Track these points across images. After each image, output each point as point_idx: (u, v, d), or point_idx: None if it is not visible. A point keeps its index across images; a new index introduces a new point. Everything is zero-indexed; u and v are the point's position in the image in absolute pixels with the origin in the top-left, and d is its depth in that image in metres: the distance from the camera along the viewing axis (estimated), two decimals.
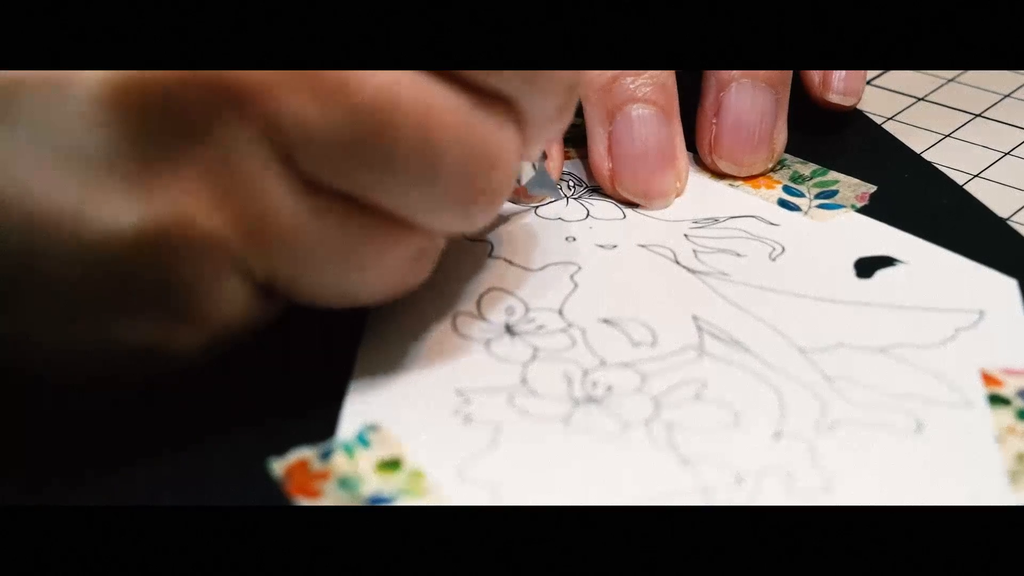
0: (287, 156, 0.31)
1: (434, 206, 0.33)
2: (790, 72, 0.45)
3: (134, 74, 0.30)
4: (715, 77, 0.45)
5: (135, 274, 0.31)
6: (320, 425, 0.35)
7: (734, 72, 0.44)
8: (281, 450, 0.34)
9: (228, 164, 0.31)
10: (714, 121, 0.45)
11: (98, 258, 0.31)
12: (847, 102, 0.47)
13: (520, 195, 0.42)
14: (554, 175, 0.44)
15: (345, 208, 0.32)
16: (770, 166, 0.45)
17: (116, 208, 0.31)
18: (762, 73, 0.44)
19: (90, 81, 0.30)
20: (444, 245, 0.36)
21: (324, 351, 0.37)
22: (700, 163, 0.46)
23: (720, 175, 0.45)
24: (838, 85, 0.46)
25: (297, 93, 0.31)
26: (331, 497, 0.33)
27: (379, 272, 0.34)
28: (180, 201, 0.31)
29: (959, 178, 0.46)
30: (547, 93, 0.34)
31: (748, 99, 0.44)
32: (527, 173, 0.41)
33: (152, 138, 0.31)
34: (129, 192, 0.31)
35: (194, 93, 0.30)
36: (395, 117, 0.31)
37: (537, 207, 0.43)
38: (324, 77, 0.31)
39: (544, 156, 0.42)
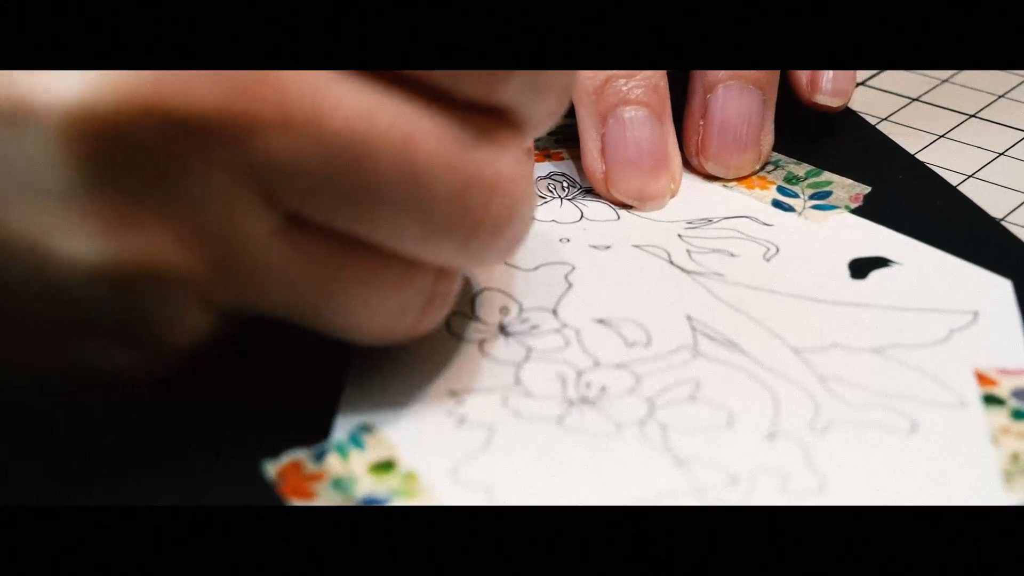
0: (266, 193, 0.30)
1: (429, 240, 0.32)
2: (777, 73, 0.45)
3: (96, 110, 0.29)
4: (702, 79, 0.45)
5: (97, 304, 0.31)
6: (314, 426, 0.35)
7: (721, 74, 0.44)
8: (275, 452, 0.34)
9: (198, 203, 0.30)
10: (701, 123, 0.45)
11: (61, 291, 0.30)
12: (835, 103, 0.47)
13: None
14: None
15: (331, 246, 0.31)
16: (758, 167, 0.45)
17: (79, 244, 0.30)
18: (749, 74, 0.44)
19: (53, 117, 0.29)
20: (459, 288, 0.35)
21: (318, 352, 0.37)
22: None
23: (708, 177, 0.45)
24: (826, 86, 0.46)
25: (270, 130, 0.30)
26: (325, 498, 0.33)
27: (373, 315, 0.33)
28: (145, 240, 0.30)
29: (953, 179, 0.46)
30: (541, 100, 0.33)
31: (735, 101, 0.44)
32: None
33: (116, 176, 0.30)
34: (92, 229, 0.30)
35: (159, 131, 0.29)
36: (373, 147, 0.30)
37: None
38: (297, 110, 0.30)
39: None
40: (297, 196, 0.30)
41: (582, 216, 0.43)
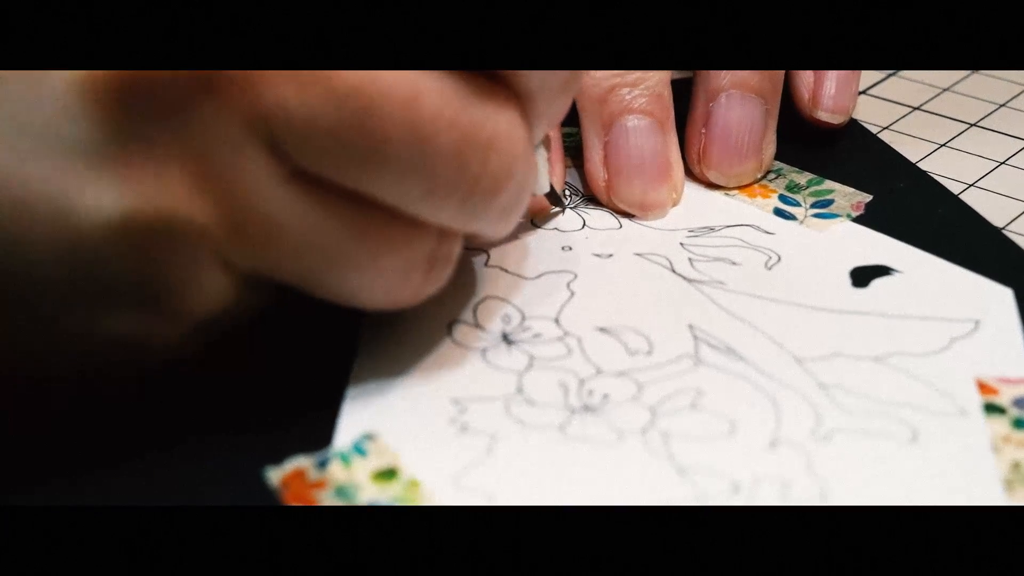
0: (274, 146, 0.31)
1: (430, 197, 0.32)
2: (780, 82, 0.45)
3: None
4: (704, 87, 0.45)
5: (117, 264, 0.31)
6: (316, 434, 0.35)
7: (723, 82, 0.44)
8: (278, 459, 0.34)
9: (209, 153, 0.31)
10: (703, 131, 0.45)
11: (79, 247, 0.31)
12: (835, 119, 0.47)
13: (540, 212, 0.43)
14: (557, 188, 0.44)
15: (338, 201, 0.32)
16: (759, 176, 0.45)
17: (96, 196, 0.30)
18: (752, 83, 0.44)
19: (66, 72, 0.30)
20: (461, 251, 0.35)
21: (320, 360, 0.37)
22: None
23: (710, 185, 0.45)
24: (827, 103, 0.46)
25: (278, 80, 0.30)
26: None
27: (380, 274, 0.33)
28: (160, 190, 0.31)
29: (955, 187, 0.46)
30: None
31: (737, 110, 0.44)
32: (542, 182, 0.40)
33: (130, 127, 0.30)
34: (109, 181, 0.30)
35: (171, 81, 0.30)
36: (379, 102, 0.31)
37: (534, 219, 0.43)
38: None
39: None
40: (304, 150, 0.31)
41: (584, 224, 0.43)
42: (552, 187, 0.42)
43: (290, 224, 0.32)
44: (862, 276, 0.41)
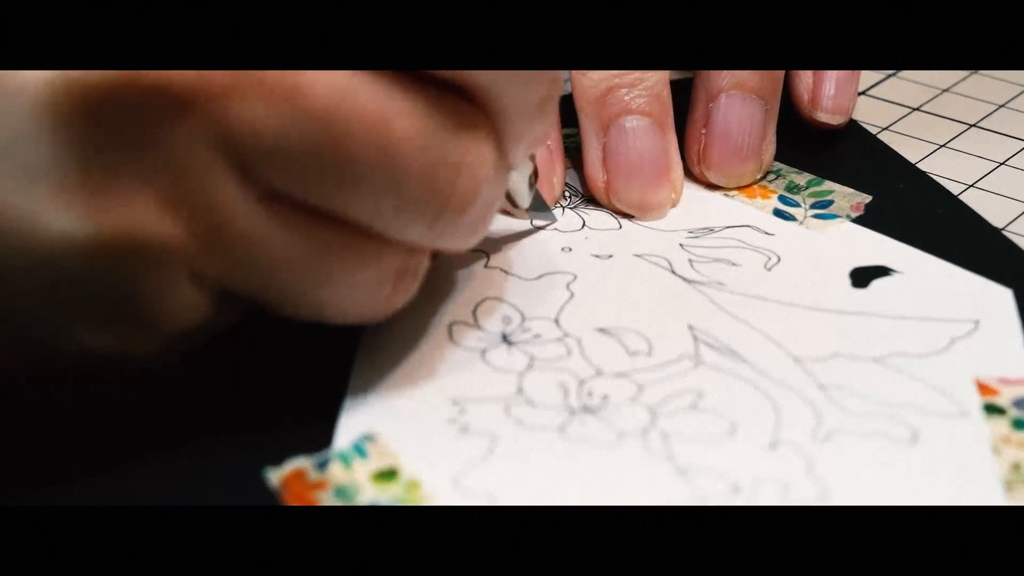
0: (244, 166, 0.31)
1: (400, 216, 0.32)
2: (780, 83, 0.45)
3: (75, 81, 0.29)
4: (705, 88, 0.45)
5: (88, 281, 0.31)
6: (316, 435, 0.35)
7: (723, 83, 0.44)
8: (277, 460, 0.34)
9: (179, 171, 0.30)
10: (703, 132, 0.45)
11: (50, 266, 0.31)
12: (835, 120, 0.47)
13: (518, 215, 0.42)
14: (557, 189, 0.44)
15: (309, 220, 0.32)
16: (758, 177, 0.45)
17: (64, 216, 0.30)
18: (751, 84, 0.44)
19: (31, 90, 0.29)
20: (428, 264, 0.35)
21: (320, 361, 0.37)
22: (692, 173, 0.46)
23: (710, 186, 0.45)
24: (826, 104, 0.47)
25: (247, 100, 0.30)
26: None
27: (351, 289, 0.33)
28: (130, 209, 0.30)
29: (954, 188, 0.46)
30: (523, 85, 0.33)
31: (737, 110, 0.44)
32: (523, 195, 0.40)
33: (97, 146, 0.30)
34: (77, 200, 0.30)
35: (138, 100, 0.30)
36: (349, 124, 0.31)
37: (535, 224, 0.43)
38: (275, 82, 0.30)
39: (536, 177, 0.41)
40: (273, 169, 0.31)
41: (584, 225, 0.43)
42: (542, 201, 0.42)
43: (261, 242, 0.32)
44: (862, 277, 0.41)
